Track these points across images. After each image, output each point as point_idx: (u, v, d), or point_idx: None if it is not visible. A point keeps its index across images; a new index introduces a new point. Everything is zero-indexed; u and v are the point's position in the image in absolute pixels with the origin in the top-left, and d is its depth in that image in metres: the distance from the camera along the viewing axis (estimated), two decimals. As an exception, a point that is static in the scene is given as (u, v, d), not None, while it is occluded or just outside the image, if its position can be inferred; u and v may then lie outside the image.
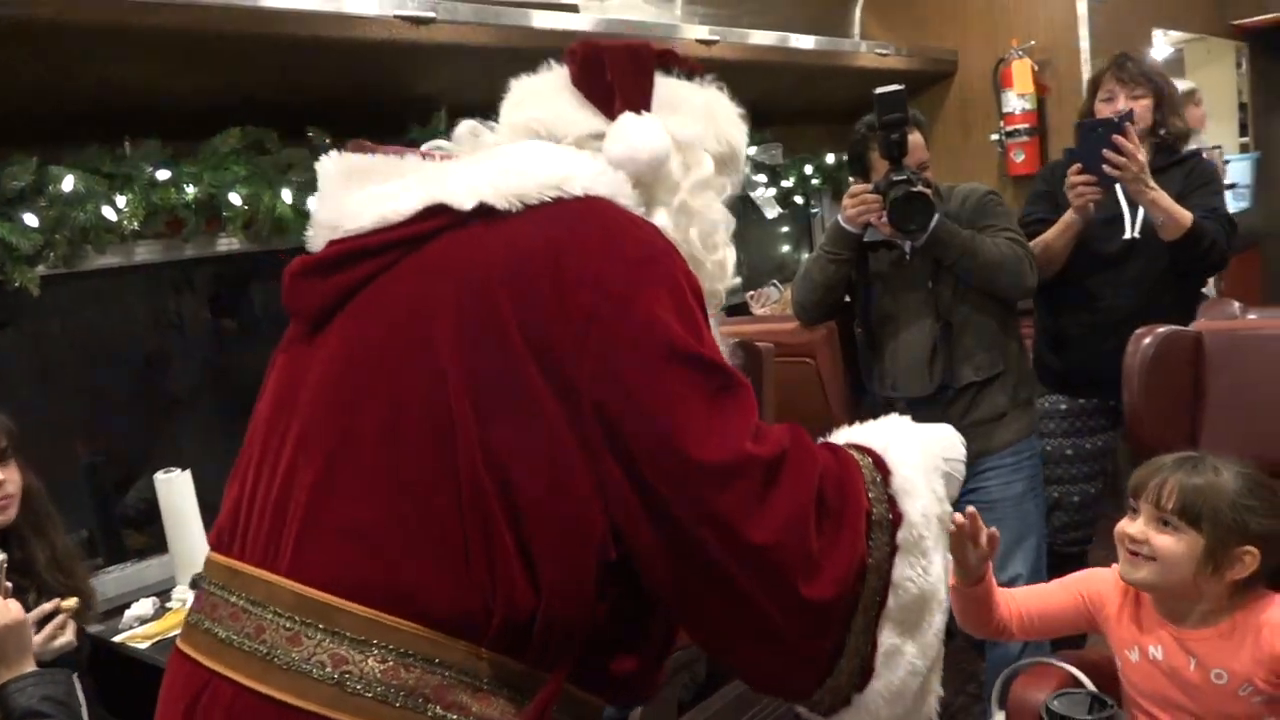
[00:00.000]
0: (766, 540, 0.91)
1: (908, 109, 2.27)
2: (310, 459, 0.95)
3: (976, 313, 2.43)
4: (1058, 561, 2.65)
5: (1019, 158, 3.95)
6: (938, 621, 1.05)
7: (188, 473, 2.18)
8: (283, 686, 0.89)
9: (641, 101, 1.08)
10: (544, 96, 1.11)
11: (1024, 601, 1.55)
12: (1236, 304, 2.08)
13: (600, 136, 1.06)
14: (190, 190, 2.18)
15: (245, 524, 0.99)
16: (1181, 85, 3.36)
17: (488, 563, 0.89)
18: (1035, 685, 1.49)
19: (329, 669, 0.89)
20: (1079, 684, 1.37)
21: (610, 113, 1.07)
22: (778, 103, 3.62)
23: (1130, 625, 1.49)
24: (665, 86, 1.11)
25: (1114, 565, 1.53)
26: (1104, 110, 2.51)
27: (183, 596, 2.08)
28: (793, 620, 0.95)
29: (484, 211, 0.96)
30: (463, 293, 0.94)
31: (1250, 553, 1.38)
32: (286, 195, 2.34)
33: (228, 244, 2.37)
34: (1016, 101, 3.93)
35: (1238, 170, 5.16)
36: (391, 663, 0.89)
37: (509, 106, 1.13)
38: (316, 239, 1.04)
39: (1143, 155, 2.32)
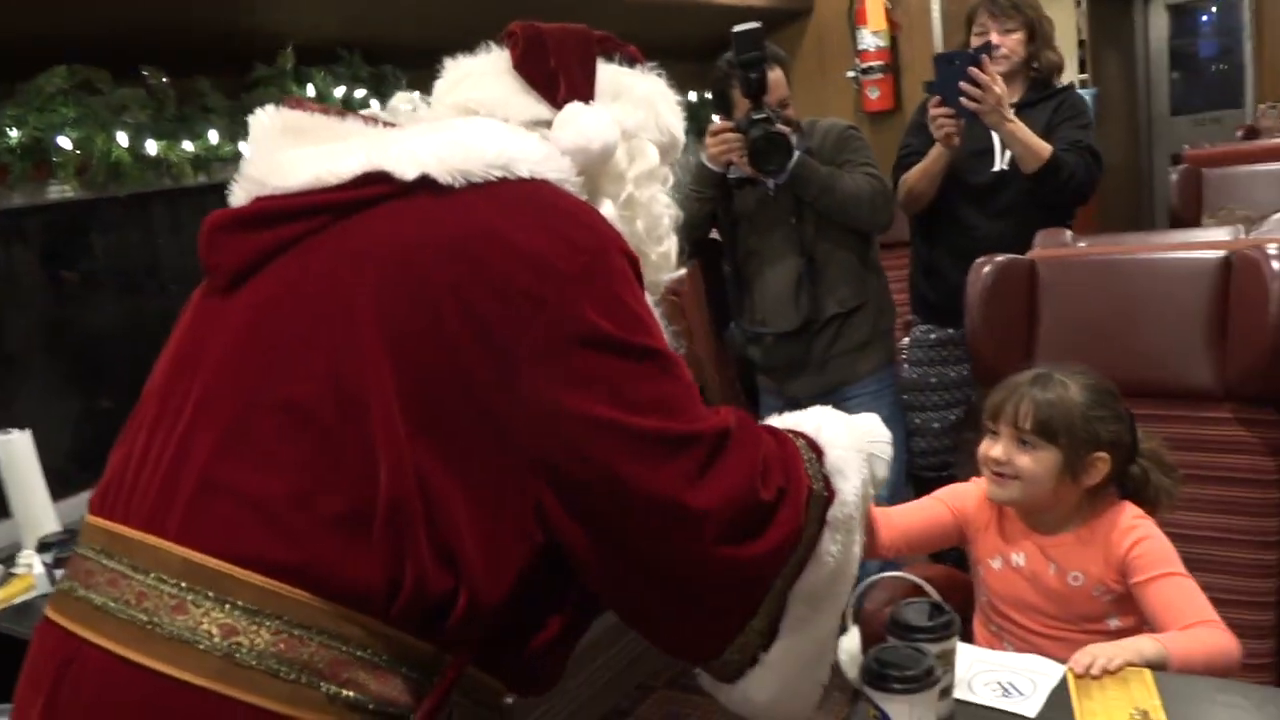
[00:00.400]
0: (708, 505, 0.93)
1: (765, 46, 2.29)
2: (211, 422, 0.91)
3: (838, 248, 2.50)
4: (919, 485, 2.77)
5: (874, 94, 4.04)
6: (845, 591, 1.09)
7: (28, 433, 2.08)
8: (163, 657, 0.84)
9: (587, 90, 1.07)
10: (484, 78, 1.08)
11: (901, 519, 1.61)
12: (1069, 233, 2.20)
13: (544, 123, 1.04)
14: (14, 134, 2.04)
15: (132, 487, 0.93)
16: None
17: (397, 544, 0.87)
18: (886, 598, 1.57)
19: (217, 639, 0.84)
20: (925, 595, 1.45)
21: (554, 100, 1.05)
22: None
23: (995, 536, 1.58)
24: (607, 74, 1.10)
25: (975, 480, 1.62)
26: (977, 45, 2.53)
27: (29, 562, 1.99)
28: (721, 584, 0.97)
29: (426, 184, 0.93)
30: (395, 268, 0.91)
31: (1102, 459, 1.49)
32: (122, 138, 2.21)
33: (60, 191, 2.23)
34: (870, 39, 4.01)
35: (1078, 106, 5.39)
36: (285, 635, 0.85)
37: (444, 86, 1.10)
38: (240, 194, 0.99)
39: (999, 87, 2.37)
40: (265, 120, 1.02)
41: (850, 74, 4.13)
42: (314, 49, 2.57)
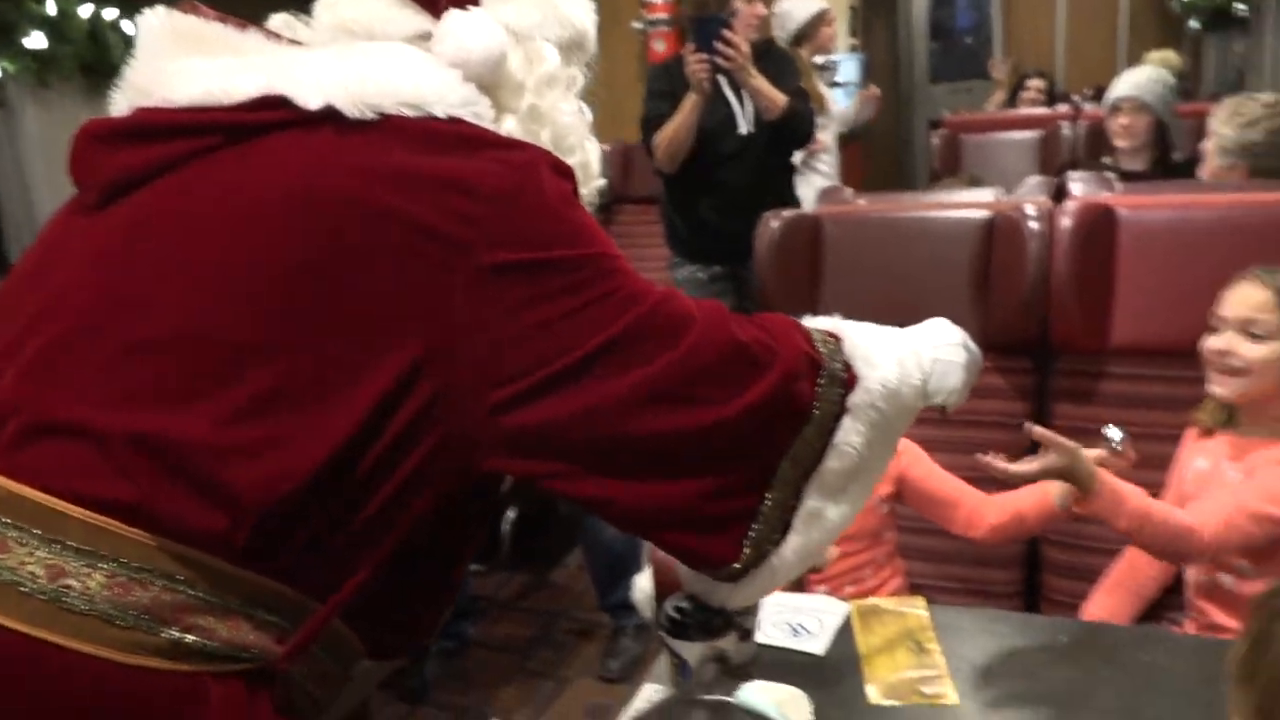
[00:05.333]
0: (697, 344, 0.88)
1: None
2: (54, 348, 0.83)
3: None
4: None
5: (660, 46, 4.08)
6: (865, 493, 1.04)
7: None
8: None
9: None
10: None
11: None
12: (849, 190, 2.29)
13: (426, 37, 0.93)
14: None
15: None
16: (815, 6, 3.71)
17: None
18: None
19: (44, 581, 0.76)
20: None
21: (435, 9, 0.94)
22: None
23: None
24: None
25: None
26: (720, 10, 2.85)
27: None
28: (717, 451, 0.91)
29: (330, 115, 0.84)
30: (299, 204, 0.83)
31: None
32: None
33: None
34: (658, -10, 4.04)
35: (848, 69, 5.64)
36: (123, 578, 0.77)
37: (322, 4, 0.98)
38: (122, 102, 0.90)
39: (746, 46, 2.72)
40: (155, 22, 0.91)
41: (637, 25, 4.14)
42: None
